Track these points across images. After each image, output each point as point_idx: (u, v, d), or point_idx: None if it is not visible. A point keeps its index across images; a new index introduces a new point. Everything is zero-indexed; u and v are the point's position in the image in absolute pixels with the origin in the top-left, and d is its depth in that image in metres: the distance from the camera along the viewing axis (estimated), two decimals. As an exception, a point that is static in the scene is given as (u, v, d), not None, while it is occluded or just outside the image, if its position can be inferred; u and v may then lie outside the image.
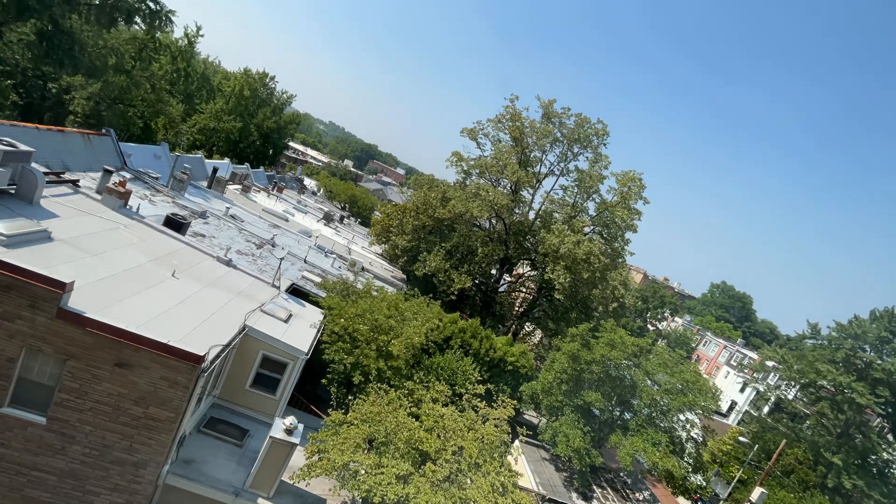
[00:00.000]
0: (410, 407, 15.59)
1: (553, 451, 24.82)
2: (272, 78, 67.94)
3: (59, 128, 24.72)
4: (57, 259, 12.44)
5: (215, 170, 38.08)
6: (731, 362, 79.60)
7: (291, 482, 13.72)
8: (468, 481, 13.88)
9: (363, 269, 31.29)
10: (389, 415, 14.61)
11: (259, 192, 47.70)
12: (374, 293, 22.34)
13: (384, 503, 12.65)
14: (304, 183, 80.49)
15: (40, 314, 10.61)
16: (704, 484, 34.95)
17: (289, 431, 12.96)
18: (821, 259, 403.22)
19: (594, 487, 25.41)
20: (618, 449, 23.94)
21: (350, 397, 17.27)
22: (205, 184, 36.32)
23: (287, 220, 39.12)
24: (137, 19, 29.58)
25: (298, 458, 14.46)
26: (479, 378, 21.07)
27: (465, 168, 39.52)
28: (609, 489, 26.01)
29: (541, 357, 37.91)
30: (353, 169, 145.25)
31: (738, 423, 57.12)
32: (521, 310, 43.54)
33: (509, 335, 36.29)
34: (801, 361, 34.33)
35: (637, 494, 26.96)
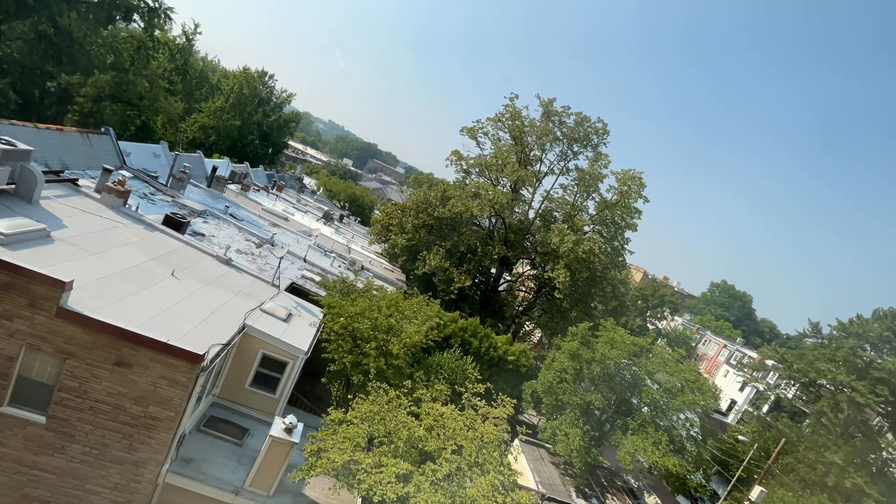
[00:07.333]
0: (410, 406, 15.56)
1: (553, 449, 24.80)
2: (271, 76, 67.91)
3: (58, 126, 24.68)
4: (56, 258, 12.42)
5: (214, 169, 38.02)
6: (731, 361, 79.66)
7: (291, 481, 13.70)
8: (468, 480, 13.86)
9: (363, 268, 31.27)
10: (389, 413, 14.58)
11: (258, 191, 47.64)
12: (375, 292, 22.31)
13: (384, 502, 12.63)
14: (304, 182, 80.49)
15: (40, 313, 10.59)
16: (704, 482, 35.00)
17: (288, 430, 12.95)
18: (820, 259, 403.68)
19: (594, 486, 25.42)
20: (617, 448, 23.93)
21: (350, 396, 17.24)
22: (204, 183, 36.28)
23: (286, 220, 39.08)
24: (136, 17, 29.59)
25: (298, 457, 14.43)
26: (478, 377, 21.04)
27: (465, 167, 39.50)
28: (609, 488, 26.02)
29: (541, 356, 37.91)
30: (352, 168, 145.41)
31: (738, 422, 57.14)
32: (521, 309, 43.52)
33: (509, 334, 36.29)
34: (802, 360, 34.30)
35: (637, 493, 26.99)
